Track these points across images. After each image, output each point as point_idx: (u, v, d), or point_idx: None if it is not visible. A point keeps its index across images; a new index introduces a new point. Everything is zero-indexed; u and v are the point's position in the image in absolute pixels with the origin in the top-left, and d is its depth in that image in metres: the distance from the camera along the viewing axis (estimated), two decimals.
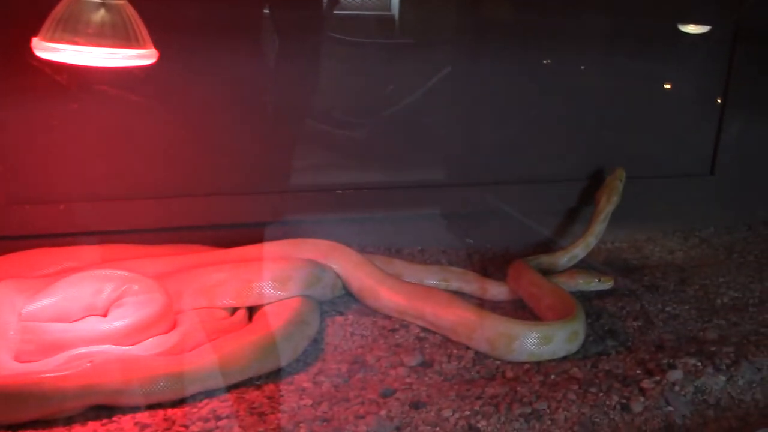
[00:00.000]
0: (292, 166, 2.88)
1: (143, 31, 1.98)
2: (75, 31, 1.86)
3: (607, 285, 2.65)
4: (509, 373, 2.17)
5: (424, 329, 2.42)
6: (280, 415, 1.92)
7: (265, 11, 2.73)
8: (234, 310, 2.38)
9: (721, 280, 2.93)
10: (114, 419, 1.87)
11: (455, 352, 2.29)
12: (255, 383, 2.06)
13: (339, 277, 2.57)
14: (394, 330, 2.42)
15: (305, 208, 2.84)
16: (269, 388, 2.05)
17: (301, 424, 1.88)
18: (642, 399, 2.02)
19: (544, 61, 3.09)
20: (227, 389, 2.01)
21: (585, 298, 2.65)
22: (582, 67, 3.15)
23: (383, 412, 1.93)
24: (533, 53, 3.06)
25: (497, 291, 2.69)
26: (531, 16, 3.05)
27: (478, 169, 3.08)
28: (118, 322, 2.13)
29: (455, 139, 3.08)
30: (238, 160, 2.76)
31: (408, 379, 2.13)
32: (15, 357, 2.02)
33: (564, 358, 2.26)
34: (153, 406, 1.92)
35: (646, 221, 3.38)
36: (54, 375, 1.87)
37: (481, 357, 2.26)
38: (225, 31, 2.62)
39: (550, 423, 1.93)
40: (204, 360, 2.03)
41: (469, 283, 2.72)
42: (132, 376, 1.91)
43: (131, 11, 1.97)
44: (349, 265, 2.57)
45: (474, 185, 3.06)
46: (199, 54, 2.58)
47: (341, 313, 2.50)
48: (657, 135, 3.31)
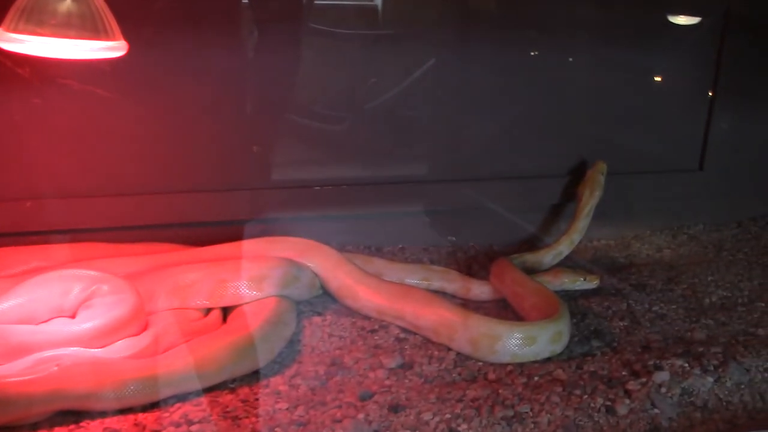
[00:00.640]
0: (270, 162, 2.87)
1: (112, 22, 1.96)
2: (40, 21, 1.84)
3: (592, 284, 2.66)
4: (491, 375, 2.17)
5: (404, 330, 2.41)
6: (254, 419, 1.91)
7: (243, 1, 2.71)
8: (208, 311, 2.37)
9: (709, 278, 2.94)
10: (82, 425, 1.85)
11: (436, 353, 2.28)
12: (229, 386, 2.05)
13: (317, 276, 2.56)
14: (373, 331, 2.41)
15: (283, 205, 2.84)
16: (244, 392, 2.03)
17: (277, 429, 1.87)
18: (627, 401, 2.02)
19: (531, 53, 3.09)
20: (201, 393, 2.00)
21: (570, 297, 2.66)
22: (568, 60, 3.16)
23: (361, 416, 1.92)
24: (519, 46, 3.05)
25: (480, 290, 2.69)
26: (517, 7, 3.05)
27: (461, 165, 3.08)
28: (86, 323, 2.11)
29: (438, 134, 3.08)
30: (214, 156, 2.75)
31: (387, 382, 2.12)
32: None
33: (548, 360, 2.25)
34: (123, 411, 1.90)
35: (634, 218, 3.39)
36: (19, 379, 1.85)
37: (462, 358, 2.26)
38: (201, 22, 2.61)
39: (533, 426, 1.93)
40: (178, 362, 2.01)
41: (452, 283, 2.72)
42: (101, 380, 1.90)
43: (99, 1, 1.94)
44: (327, 264, 2.56)
45: (457, 181, 3.06)
46: (172, 45, 2.56)
47: (319, 314, 2.49)
48: (644, 129, 3.32)
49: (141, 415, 1.90)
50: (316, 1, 2.87)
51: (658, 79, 3.33)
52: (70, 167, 2.56)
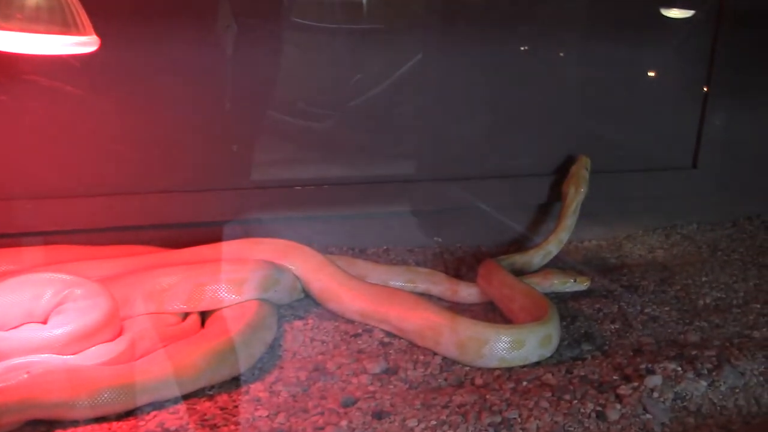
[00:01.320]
0: (251, 161, 2.86)
1: (83, 16, 1.95)
2: (6, 15, 1.83)
3: (583, 285, 2.66)
4: (478, 380, 2.17)
5: (388, 334, 2.41)
6: (233, 427, 1.90)
7: None
8: (186, 316, 2.36)
9: (703, 279, 2.95)
10: None
11: (421, 358, 2.28)
12: (207, 393, 2.04)
13: (298, 279, 2.56)
14: (356, 335, 2.41)
15: (264, 205, 2.83)
16: (222, 399, 2.03)
17: None
18: (618, 406, 2.02)
19: (520, 48, 3.09)
20: (178, 400, 1.99)
21: (560, 299, 2.66)
22: (558, 55, 3.16)
23: (344, 423, 1.91)
24: (507, 42, 3.06)
25: (467, 293, 2.69)
26: (505, 3, 3.05)
27: (447, 164, 3.07)
28: (58, 329, 2.10)
29: (423, 132, 3.07)
30: (193, 155, 2.74)
31: (371, 388, 2.11)
32: None
33: (537, 364, 2.25)
34: (97, 420, 1.89)
35: (626, 217, 3.40)
36: None
37: (448, 363, 2.25)
38: (177, 16, 2.59)
39: None
40: (155, 368, 2.01)
41: (437, 285, 2.71)
42: (74, 388, 1.88)
43: None
44: (308, 266, 2.56)
45: (443, 180, 3.06)
46: (148, 41, 2.55)
47: (300, 318, 2.48)
48: (636, 126, 3.32)
49: (116, 424, 1.89)
50: None
51: (650, 75, 3.33)
52: (40, 167, 2.54)
